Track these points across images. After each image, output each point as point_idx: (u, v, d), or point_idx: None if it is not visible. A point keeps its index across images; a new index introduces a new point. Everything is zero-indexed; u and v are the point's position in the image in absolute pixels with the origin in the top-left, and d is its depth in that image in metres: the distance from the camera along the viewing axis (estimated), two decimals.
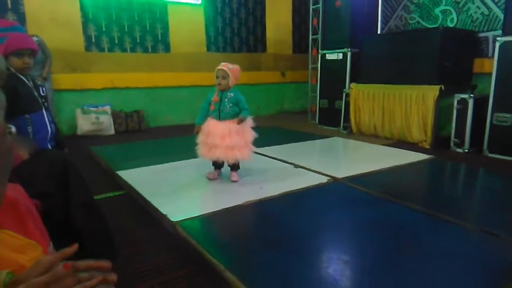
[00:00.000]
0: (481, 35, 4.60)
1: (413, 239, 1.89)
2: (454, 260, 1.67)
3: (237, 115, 2.64)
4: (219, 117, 2.65)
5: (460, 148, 3.98)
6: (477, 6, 4.62)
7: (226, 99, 2.64)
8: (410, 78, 4.45)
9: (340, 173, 2.94)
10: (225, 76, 2.61)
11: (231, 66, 2.66)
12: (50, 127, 1.71)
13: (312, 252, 1.77)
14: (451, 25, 4.92)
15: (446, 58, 4.26)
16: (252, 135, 2.72)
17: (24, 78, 1.64)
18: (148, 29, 6.06)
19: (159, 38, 6.19)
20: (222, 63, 2.67)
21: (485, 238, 1.88)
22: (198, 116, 2.73)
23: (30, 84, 1.66)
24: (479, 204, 2.56)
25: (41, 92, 1.70)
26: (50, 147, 1.71)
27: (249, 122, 2.72)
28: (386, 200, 2.40)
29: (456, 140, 4.01)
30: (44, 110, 1.68)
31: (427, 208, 2.24)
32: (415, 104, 4.34)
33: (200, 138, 2.71)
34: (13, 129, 0.31)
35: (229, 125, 2.62)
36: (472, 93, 4.00)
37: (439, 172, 3.40)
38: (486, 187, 2.99)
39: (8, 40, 1.58)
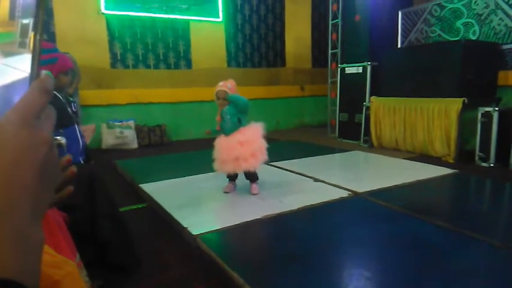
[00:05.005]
0: (505, 47, 4.51)
1: (437, 256, 1.84)
2: (480, 278, 1.62)
3: (237, 126, 2.70)
4: (225, 134, 2.75)
5: (485, 162, 3.87)
6: (500, 18, 4.55)
7: (225, 113, 2.75)
8: (432, 91, 4.39)
9: (361, 188, 2.91)
10: (225, 97, 2.73)
11: (229, 85, 2.75)
12: (82, 141, 1.80)
13: (332, 267, 1.75)
14: (473, 38, 4.84)
15: (469, 71, 4.19)
16: (262, 143, 2.71)
17: (58, 95, 1.73)
18: (171, 46, 6.25)
19: (181, 55, 6.36)
20: (220, 84, 2.76)
21: None
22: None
23: (64, 100, 1.76)
24: (506, 220, 2.47)
25: (73, 108, 1.80)
26: (81, 160, 1.79)
27: (258, 131, 2.73)
28: (409, 216, 2.36)
29: (481, 154, 3.91)
30: (76, 125, 1.77)
31: (452, 224, 2.18)
32: (437, 118, 4.26)
33: (214, 155, 2.80)
34: (63, 140, 0.33)
35: (232, 138, 2.70)
36: (496, 106, 3.90)
37: (463, 187, 3.31)
38: None
39: (61, 60, 1.71)
